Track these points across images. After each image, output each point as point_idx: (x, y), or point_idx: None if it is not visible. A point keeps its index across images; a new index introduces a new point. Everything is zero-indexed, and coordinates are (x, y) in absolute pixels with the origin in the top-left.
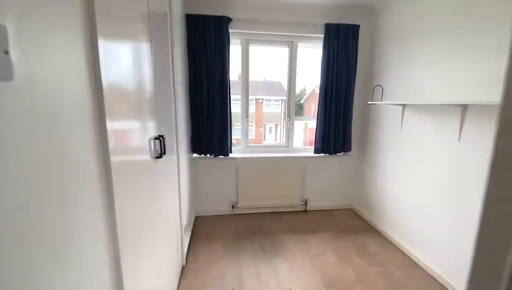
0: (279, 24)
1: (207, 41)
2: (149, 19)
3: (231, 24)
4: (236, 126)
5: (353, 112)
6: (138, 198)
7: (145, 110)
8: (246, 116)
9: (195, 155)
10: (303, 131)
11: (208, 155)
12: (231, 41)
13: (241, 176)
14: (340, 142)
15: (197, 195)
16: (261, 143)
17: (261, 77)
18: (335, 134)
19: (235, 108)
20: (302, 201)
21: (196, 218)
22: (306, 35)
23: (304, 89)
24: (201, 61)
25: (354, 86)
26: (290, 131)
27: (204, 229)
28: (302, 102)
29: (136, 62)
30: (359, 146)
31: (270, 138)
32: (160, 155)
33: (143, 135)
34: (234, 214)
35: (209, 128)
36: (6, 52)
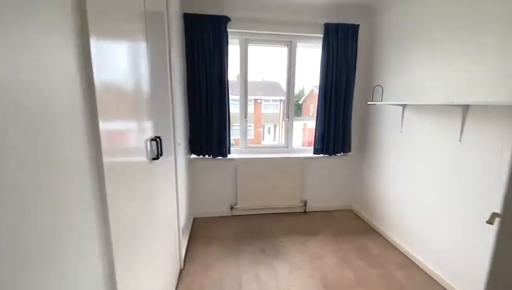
0: (278, 24)
1: (205, 41)
2: (145, 19)
3: (230, 24)
4: (235, 126)
5: (353, 112)
6: (134, 200)
7: (141, 110)
8: (245, 116)
9: (193, 156)
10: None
11: (206, 156)
12: (230, 41)
13: (239, 177)
14: (339, 142)
15: (196, 196)
16: (260, 143)
17: (260, 77)
18: (334, 134)
19: (234, 108)
20: (302, 202)
21: (194, 220)
22: (305, 35)
23: (303, 90)
24: (199, 61)
25: (354, 86)
26: (289, 131)
27: (202, 231)
28: (301, 102)
29: (132, 62)
30: (359, 147)
31: (269, 138)
32: (157, 157)
33: (139, 136)
34: (233, 216)
35: (207, 128)
36: None
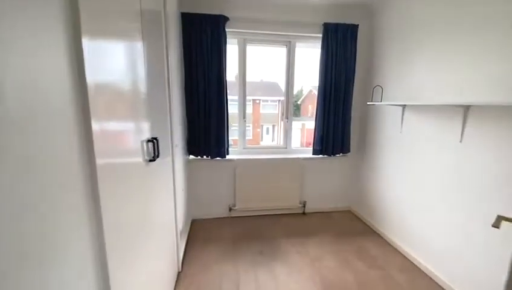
0: (277, 23)
1: (203, 40)
2: (142, 17)
3: (228, 23)
4: (233, 127)
5: (352, 113)
6: (129, 202)
7: (137, 111)
8: (244, 117)
9: (191, 157)
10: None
11: (205, 157)
12: (228, 40)
13: (238, 178)
14: (339, 143)
15: (194, 198)
16: (259, 144)
17: (259, 78)
18: (334, 135)
19: (232, 109)
20: (301, 203)
21: (192, 222)
22: (304, 34)
23: (301, 90)
24: (197, 61)
25: (353, 87)
26: (288, 132)
27: (200, 233)
28: (299, 103)
29: (128, 62)
30: (358, 147)
31: (268, 139)
32: (153, 158)
33: (135, 137)
34: (231, 217)
35: (205, 129)
36: None
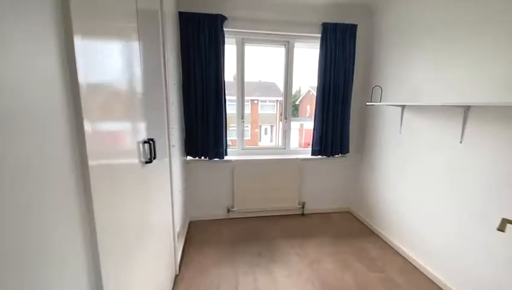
0: (275, 23)
1: (201, 40)
2: (138, 17)
3: (226, 23)
4: (231, 127)
5: (351, 113)
6: (124, 205)
7: (133, 111)
8: (242, 117)
9: (189, 158)
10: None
11: (203, 158)
12: (226, 40)
13: (236, 179)
14: (337, 144)
15: (191, 199)
16: (257, 144)
17: (257, 78)
18: (332, 136)
19: (230, 109)
20: (300, 204)
21: (190, 223)
22: (303, 34)
23: (299, 90)
24: (195, 61)
25: (352, 87)
26: (287, 132)
27: (198, 234)
28: (298, 103)
29: (123, 61)
30: (357, 148)
31: (266, 139)
32: (150, 160)
33: (130, 138)
34: (230, 219)
35: (203, 130)
36: None
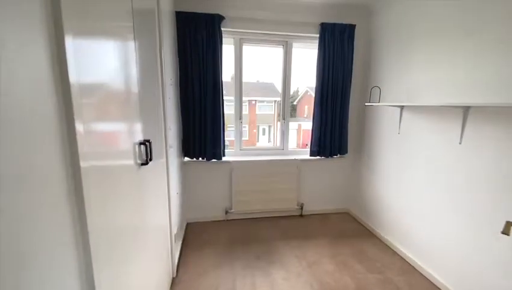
0: (273, 23)
1: (198, 40)
2: (133, 16)
3: (224, 22)
4: (229, 128)
5: (349, 114)
6: (119, 207)
7: (128, 112)
8: (240, 118)
9: (186, 159)
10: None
11: (200, 159)
12: (224, 40)
13: (234, 180)
14: (336, 144)
15: (189, 201)
16: (255, 145)
17: (255, 78)
18: (331, 136)
19: (228, 110)
20: (298, 205)
21: (187, 225)
22: (301, 34)
23: (297, 90)
24: (192, 61)
25: (350, 87)
26: (285, 133)
27: (196, 237)
28: (295, 103)
29: (118, 61)
30: (356, 149)
31: (264, 139)
32: (146, 162)
33: (126, 139)
34: (228, 220)
35: (201, 131)
36: None
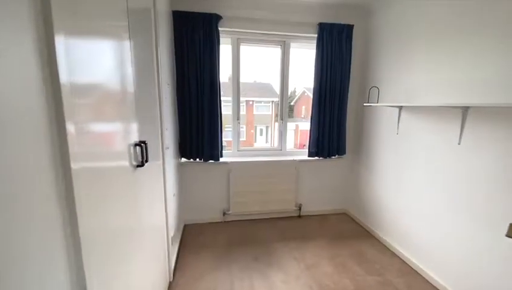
0: (271, 23)
1: (195, 40)
2: (128, 15)
3: (221, 22)
4: (226, 128)
5: (348, 114)
6: (113, 209)
7: (123, 112)
8: (237, 118)
9: (183, 160)
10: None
11: (197, 160)
12: (221, 40)
13: (232, 181)
14: (334, 145)
15: (186, 202)
16: (253, 146)
17: (252, 79)
18: (329, 137)
19: (225, 110)
20: (296, 206)
21: (185, 227)
22: (299, 34)
23: (294, 91)
24: (189, 61)
25: (349, 88)
26: (283, 134)
27: (193, 239)
28: (293, 104)
29: (113, 61)
30: (354, 149)
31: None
32: (142, 163)
33: (121, 140)
34: (225, 222)
35: (198, 131)
36: None
